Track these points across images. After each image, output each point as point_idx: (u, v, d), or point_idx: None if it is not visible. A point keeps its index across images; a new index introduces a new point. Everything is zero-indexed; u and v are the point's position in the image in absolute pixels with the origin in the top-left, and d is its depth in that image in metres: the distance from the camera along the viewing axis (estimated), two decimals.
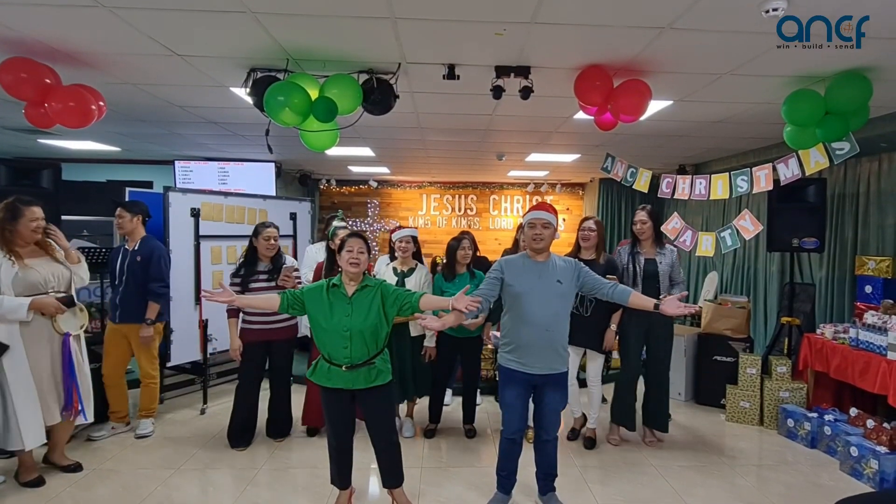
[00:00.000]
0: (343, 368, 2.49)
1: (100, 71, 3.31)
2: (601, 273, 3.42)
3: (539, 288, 2.63)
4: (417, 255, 3.77)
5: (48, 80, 3.01)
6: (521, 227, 3.66)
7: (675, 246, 3.87)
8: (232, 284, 3.43)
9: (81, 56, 3.08)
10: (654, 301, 2.60)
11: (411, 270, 3.65)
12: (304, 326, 4.17)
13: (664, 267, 3.55)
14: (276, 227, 3.54)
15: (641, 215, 3.63)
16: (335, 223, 3.67)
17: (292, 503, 2.87)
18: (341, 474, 2.72)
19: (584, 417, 3.79)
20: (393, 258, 3.79)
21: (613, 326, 3.52)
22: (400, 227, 3.83)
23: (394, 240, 3.79)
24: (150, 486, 3.00)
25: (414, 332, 3.63)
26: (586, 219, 3.65)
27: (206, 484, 3.07)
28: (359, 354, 2.50)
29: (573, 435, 3.77)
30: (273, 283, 3.45)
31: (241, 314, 3.44)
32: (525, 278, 2.65)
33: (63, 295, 2.96)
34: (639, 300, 2.63)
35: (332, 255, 3.57)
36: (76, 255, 3.15)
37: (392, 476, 2.71)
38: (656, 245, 3.62)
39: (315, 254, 4.27)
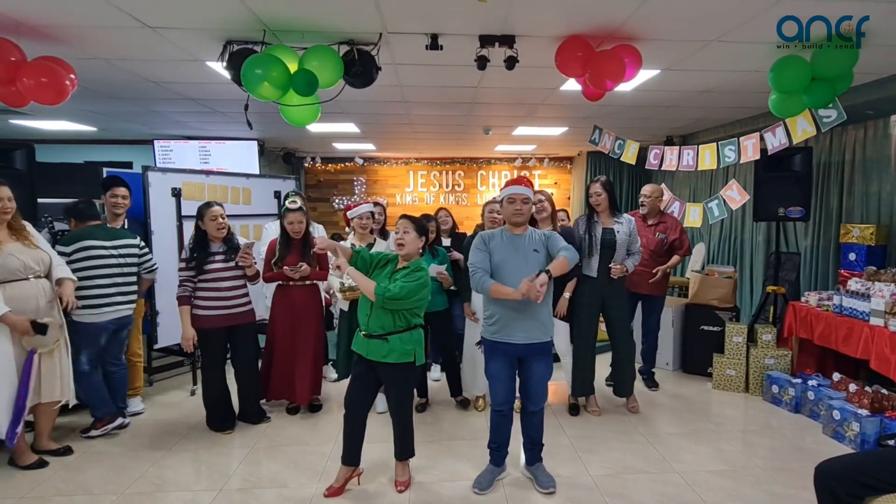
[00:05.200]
0: (362, 334, 2.63)
1: (68, 45, 3.18)
2: None
3: (518, 259, 2.65)
4: (382, 229, 3.92)
5: (14, 58, 2.87)
6: (487, 205, 3.64)
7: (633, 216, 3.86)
8: (184, 269, 3.27)
9: (48, 29, 2.95)
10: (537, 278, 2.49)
11: (370, 246, 3.68)
12: (263, 308, 4.11)
13: (622, 236, 3.56)
14: (221, 206, 3.40)
15: (596, 187, 3.64)
16: (287, 204, 3.56)
17: (286, 479, 2.88)
18: (348, 448, 2.73)
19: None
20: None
21: (567, 294, 3.54)
22: (356, 206, 3.82)
23: (350, 219, 3.77)
24: (143, 467, 2.99)
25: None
26: (534, 192, 3.63)
27: (198, 464, 3.07)
28: (375, 326, 2.59)
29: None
30: (231, 264, 3.35)
31: (193, 300, 3.30)
32: (505, 251, 2.68)
33: (42, 321, 2.80)
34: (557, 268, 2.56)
35: (285, 231, 3.54)
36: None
37: (398, 450, 2.79)
38: (613, 215, 3.63)
39: (275, 231, 4.19)
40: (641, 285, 4.06)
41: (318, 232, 4.64)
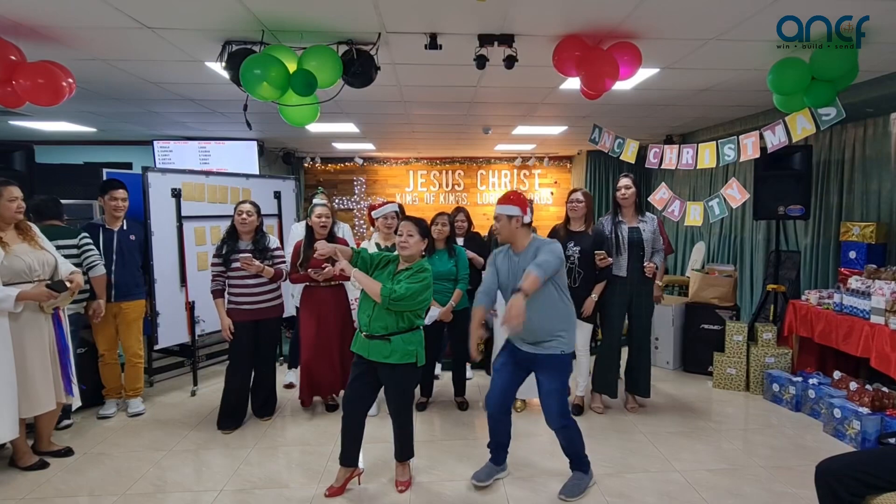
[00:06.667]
0: (363, 335, 2.62)
1: (67, 46, 3.18)
2: (590, 244, 3.45)
3: (511, 279, 2.64)
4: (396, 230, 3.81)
5: (13, 57, 2.88)
6: None
7: (655, 215, 3.85)
8: (214, 265, 3.41)
9: (46, 30, 2.94)
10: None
11: (395, 246, 3.63)
12: (291, 306, 4.16)
13: (647, 234, 3.58)
14: (255, 205, 3.47)
15: (625, 182, 3.64)
16: (315, 200, 3.63)
17: (286, 480, 2.88)
18: (346, 449, 2.73)
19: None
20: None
21: (594, 296, 3.55)
22: (381, 205, 3.79)
23: (375, 219, 3.76)
24: (143, 468, 2.99)
25: None
26: (574, 191, 3.65)
27: (199, 464, 3.08)
28: (377, 327, 2.58)
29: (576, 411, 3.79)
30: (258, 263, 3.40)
31: (226, 294, 3.42)
32: (504, 269, 2.71)
33: (52, 281, 2.86)
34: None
35: (310, 232, 3.56)
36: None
37: (398, 451, 2.79)
38: (638, 213, 3.63)
39: (300, 232, 4.21)
40: None
41: (343, 231, 4.65)
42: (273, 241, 3.57)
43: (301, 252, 3.56)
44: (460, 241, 4.13)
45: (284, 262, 3.54)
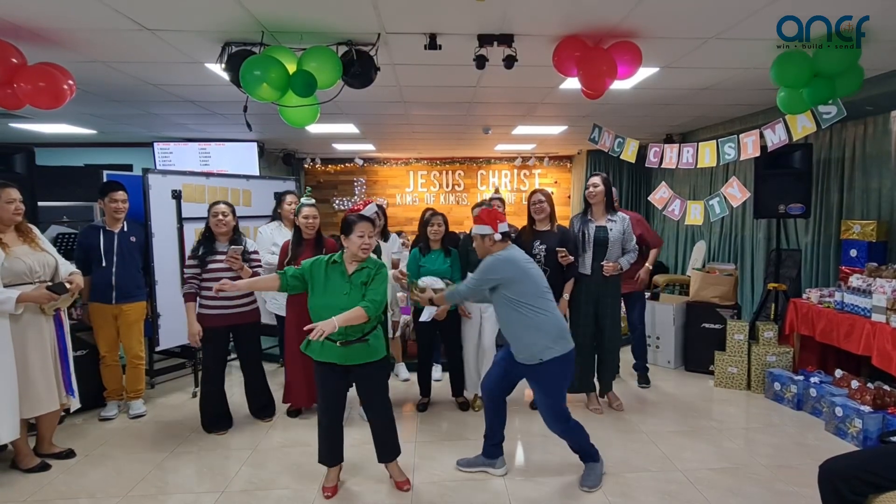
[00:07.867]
0: (337, 344, 2.53)
1: (67, 49, 3.18)
2: (556, 242, 3.52)
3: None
4: (383, 230, 3.95)
5: (14, 60, 2.88)
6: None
7: (627, 215, 3.83)
8: (189, 267, 3.34)
9: (46, 33, 2.95)
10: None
11: (376, 250, 3.66)
12: (266, 313, 4.13)
13: (615, 234, 3.57)
14: (230, 205, 3.44)
15: (594, 180, 3.66)
16: (303, 200, 3.60)
17: (287, 482, 2.88)
18: (331, 452, 2.74)
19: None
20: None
21: (566, 296, 3.56)
22: (363, 205, 3.77)
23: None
24: (145, 470, 2.99)
25: None
26: (534, 192, 3.67)
27: (200, 466, 3.08)
28: (353, 331, 2.52)
29: None
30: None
31: (198, 298, 3.34)
32: None
33: (52, 283, 2.88)
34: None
35: (297, 231, 3.55)
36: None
37: (387, 450, 2.76)
38: (608, 212, 3.64)
39: (270, 234, 4.21)
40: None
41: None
42: (251, 244, 3.53)
43: (289, 251, 3.54)
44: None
45: (261, 266, 3.51)
